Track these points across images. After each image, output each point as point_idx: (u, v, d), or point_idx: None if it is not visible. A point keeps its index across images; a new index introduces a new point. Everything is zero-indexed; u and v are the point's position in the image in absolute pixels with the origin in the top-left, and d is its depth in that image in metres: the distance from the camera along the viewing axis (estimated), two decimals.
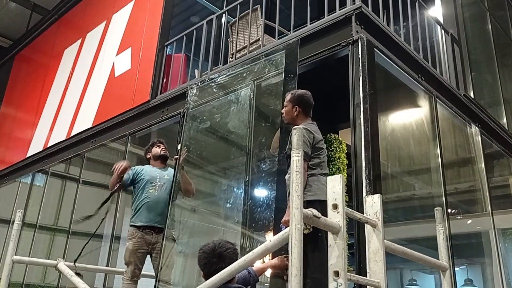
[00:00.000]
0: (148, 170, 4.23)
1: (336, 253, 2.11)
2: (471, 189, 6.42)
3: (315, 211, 2.07)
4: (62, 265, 3.87)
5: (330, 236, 2.16)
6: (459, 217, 6.35)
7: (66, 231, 7.12)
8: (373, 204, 2.50)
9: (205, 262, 2.48)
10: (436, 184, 5.32)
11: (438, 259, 2.92)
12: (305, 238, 2.83)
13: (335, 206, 2.21)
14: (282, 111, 3.43)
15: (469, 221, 6.53)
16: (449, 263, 2.91)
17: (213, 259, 2.44)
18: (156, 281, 3.78)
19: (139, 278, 3.99)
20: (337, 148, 5.18)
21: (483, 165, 6.12)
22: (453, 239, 4.99)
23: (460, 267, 7.57)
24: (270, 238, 3.05)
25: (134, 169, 4.22)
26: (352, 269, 3.30)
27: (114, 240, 6.23)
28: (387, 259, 2.33)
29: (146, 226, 4.01)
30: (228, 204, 4.26)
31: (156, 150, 4.31)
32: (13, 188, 8.85)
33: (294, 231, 1.92)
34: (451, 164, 5.92)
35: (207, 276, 2.40)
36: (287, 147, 3.15)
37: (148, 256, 4.05)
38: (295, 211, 1.95)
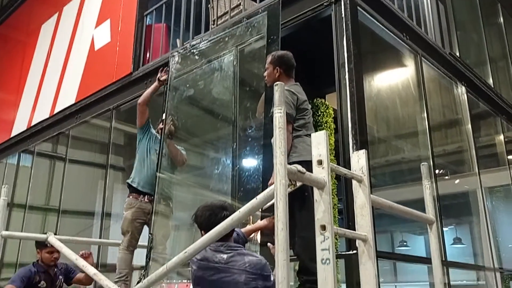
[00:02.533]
0: (155, 136, 4.31)
1: (322, 207, 2.10)
2: (458, 150, 6.47)
3: (299, 167, 2.05)
4: (53, 238, 3.86)
5: (316, 191, 2.15)
6: (446, 177, 6.41)
7: (57, 210, 7.09)
8: (358, 160, 2.49)
9: (209, 213, 2.53)
10: (423, 146, 5.34)
11: None
12: (292, 198, 2.84)
13: (319, 162, 2.19)
14: (264, 74, 3.39)
15: (457, 181, 6.60)
16: (435, 217, 2.93)
17: (216, 209, 2.50)
18: (148, 250, 3.77)
19: (135, 248, 4.01)
20: (324, 113, 5.16)
21: (469, 125, 6.15)
22: (441, 200, 5.05)
23: (449, 227, 7.70)
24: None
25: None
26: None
27: (105, 217, 6.22)
28: (377, 223, 2.34)
29: (146, 193, 4.03)
30: (216, 174, 4.23)
31: (161, 126, 4.37)
32: None
33: (279, 187, 1.89)
34: (438, 125, 5.94)
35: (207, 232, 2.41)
36: (272, 110, 3.11)
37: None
38: (279, 167, 1.92)
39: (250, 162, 3.87)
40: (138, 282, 3.23)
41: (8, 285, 3.81)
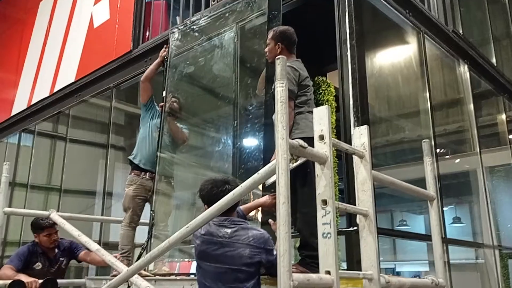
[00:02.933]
0: (158, 113, 4.29)
1: (324, 182, 2.10)
2: (459, 130, 6.45)
3: (301, 141, 2.04)
4: (55, 215, 3.88)
5: (317, 166, 2.15)
6: (447, 156, 6.41)
7: (58, 189, 7.12)
8: (360, 136, 2.48)
9: (211, 186, 2.57)
10: (425, 125, 5.32)
11: None
12: (294, 175, 2.85)
13: (321, 137, 2.18)
14: (265, 50, 3.35)
15: (457, 161, 6.60)
16: (436, 193, 2.94)
17: (219, 183, 2.54)
18: (150, 226, 3.80)
19: (137, 225, 4.04)
20: (325, 91, 5.11)
21: (471, 104, 6.12)
22: (442, 180, 5.05)
23: (449, 207, 7.74)
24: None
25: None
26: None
27: (106, 197, 6.24)
28: (377, 202, 2.34)
29: (147, 170, 4.04)
30: (216, 153, 4.23)
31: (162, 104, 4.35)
32: (0, 150, 8.75)
33: (280, 161, 1.89)
34: (440, 104, 5.91)
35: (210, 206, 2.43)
36: (273, 86, 3.09)
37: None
38: (280, 141, 1.92)
39: (251, 140, 3.86)
40: (138, 257, 3.25)
41: (6, 264, 3.83)
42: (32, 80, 7.91)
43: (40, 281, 3.61)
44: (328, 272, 1.97)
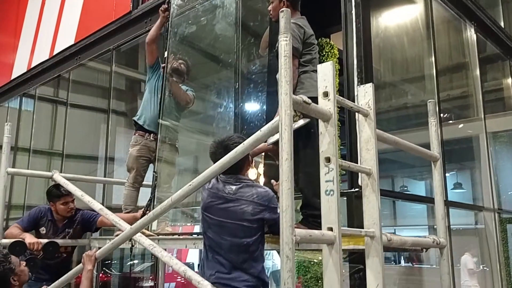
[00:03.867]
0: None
1: (327, 139, 2.07)
2: (464, 95, 6.38)
3: (305, 97, 2.00)
4: (58, 176, 3.88)
5: (321, 124, 2.12)
6: (450, 121, 6.37)
7: (61, 154, 7.12)
8: (365, 94, 2.44)
9: (212, 151, 2.59)
10: (429, 90, 5.25)
11: None
12: (298, 135, 2.83)
13: (325, 94, 2.14)
14: (269, 8, 3.26)
15: (461, 126, 6.56)
16: (440, 154, 2.92)
17: (219, 149, 2.51)
18: (153, 187, 3.80)
19: (141, 186, 4.04)
20: (329, 53, 5.02)
21: (477, 68, 6.02)
22: (444, 145, 5.02)
23: (450, 173, 7.75)
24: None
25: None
26: None
27: (108, 162, 6.24)
28: (379, 167, 2.31)
29: (151, 131, 4.02)
30: (219, 114, 4.19)
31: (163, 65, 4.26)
32: (1, 114, 8.72)
33: (284, 117, 1.85)
34: (445, 68, 5.81)
35: None
36: (277, 45, 3.02)
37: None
38: (284, 96, 1.88)
39: (253, 102, 3.82)
40: (142, 216, 3.27)
41: (15, 223, 3.87)
42: (31, 43, 7.79)
43: (43, 240, 3.65)
44: (331, 229, 1.97)
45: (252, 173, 3.54)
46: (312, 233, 1.89)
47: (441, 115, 5.22)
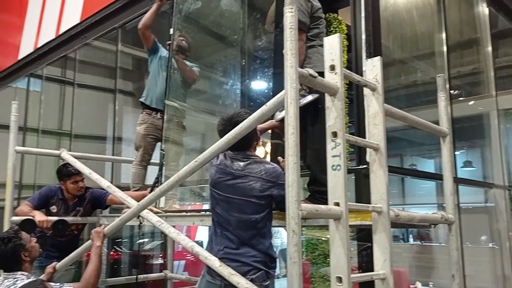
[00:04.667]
0: (166, 53, 4.18)
1: (334, 114, 2.04)
2: (475, 71, 6.27)
3: (311, 70, 1.96)
4: (66, 154, 3.90)
5: (327, 98, 2.08)
6: (461, 99, 6.27)
7: (69, 134, 7.15)
8: (372, 68, 2.39)
9: (221, 128, 2.54)
10: (440, 67, 5.16)
11: None
12: (305, 111, 2.80)
13: (332, 67, 2.09)
14: None
15: (471, 103, 6.46)
16: (449, 129, 2.87)
17: (228, 126, 2.45)
18: (160, 165, 3.80)
19: (148, 164, 4.05)
20: (337, 29, 4.93)
21: (489, 44, 5.89)
22: (454, 123, 4.96)
23: (460, 151, 7.68)
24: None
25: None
26: None
27: (116, 142, 6.26)
28: (388, 146, 2.28)
29: (158, 109, 4.01)
30: (225, 91, 4.16)
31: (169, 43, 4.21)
32: (10, 95, 8.75)
33: (289, 90, 1.82)
34: (456, 44, 5.69)
35: None
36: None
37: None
38: (289, 69, 1.84)
39: (260, 78, 3.77)
40: (150, 191, 3.28)
41: (25, 201, 3.91)
42: (37, 22, 7.75)
43: (52, 218, 3.69)
44: (337, 204, 1.95)
45: (260, 152, 3.53)
46: (318, 208, 1.88)
47: (451, 92, 5.14)
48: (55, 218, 3.72)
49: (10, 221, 3.57)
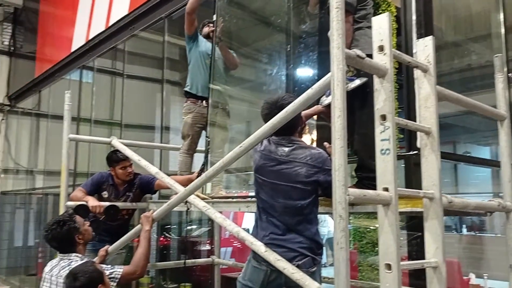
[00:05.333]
0: (204, 41, 4.20)
1: (383, 96, 1.96)
2: None
3: (358, 51, 1.90)
4: (116, 141, 4.02)
5: (376, 80, 2.01)
6: None
7: (119, 124, 7.37)
8: (424, 48, 2.28)
9: (266, 112, 2.50)
10: (496, 49, 4.87)
11: None
12: (354, 95, 2.72)
13: (381, 48, 2.02)
14: None
15: None
16: (507, 112, 2.71)
17: (274, 110, 2.39)
18: (206, 152, 3.84)
19: (195, 152, 4.11)
20: (385, 11, 4.78)
21: None
22: None
23: None
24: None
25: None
26: None
27: (164, 131, 6.38)
28: (440, 133, 2.18)
29: (203, 98, 4.04)
30: (270, 76, 4.12)
31: (205, 30, 4.26)
32: (64, 87, 9.11)
33: (335, 72, 1.77)
34: None
35: None
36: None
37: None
38: (336, 50, 1.78)
39: (305, 63, 3.71)
40: (197, 177, 3.32)
41: (79, 187, 4.08)
42: (88, 15, 8.00)
43: (104, 203, 3.82)
44: (386, 189, 1.89)
45: (307, 139, 3.48)
46: (366, 193, 1.82)
47: (509, 75, 4.85)
48: (107, 204, 3.85)
49: (65, 206, 3.73)
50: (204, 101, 4.05)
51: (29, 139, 10.68)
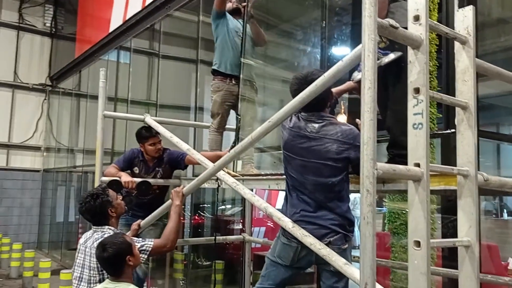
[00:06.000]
0: (232, 18, 4.15)
1: (417, 68, 1.88)
2: None
3: (391, 21, 1.82)
4: (149, 119, 4.07)
5: (410, 51, 1.92)
6: None
7: (155, 104, 7.47)
8: (464, 18, 2.16)
9: (295, 88, 2.46)
10: None
11: None
12: (387, 70, 2.63)
13: (416, 18, 1.93)
14: None
15: None
16: None
17: (304, 85, 2.35)
18: (237, 130, 3.84)
19: (224, 130, 4.12)
20: None
21: None
22: None
23: None
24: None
25: None
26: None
27: (198, 111, 6.41)
28: (481, 115, 2.06)
29: (232, 75, 4.01)
30: (302, 52, 4.04)
31: (228, 5, 4.20)
32: (102, 67, 9.30)
33: (367, 42, 1.70)
34: None
35: None
36: None
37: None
38: (367, 19, 1.71)
39: (339, 38, 3.61)
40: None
41: (112, 163, 4.18)
42: None
43: (136, 179, 3.89)
44: (418, 165, 1.82)
45: (342, 119, 3.41)
46: (396, 168, 1.76)
47: None
48: (139, 179, 3.92)
49: (100, 181, 3.82)
50: (233, 79, 4.01)
51: (69, 118, 11.04)
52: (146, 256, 2.77)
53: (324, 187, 2.42)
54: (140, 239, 2.90)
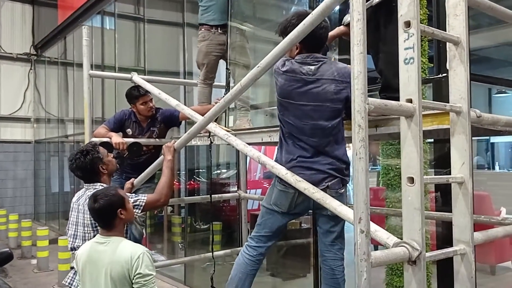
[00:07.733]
0: None
1: (408, 1, 1.81)
2: None
3: None
4: (137, 77, 3.98)
5: None
6: None
7: (143, 70, 7.33)
8: None
9: (281, 28, 2.44)
10: None
11: None
12: (378, 11, 2.55)
13: None
14: None
15: None
16: None
17: (291, 15, 2.36)
18: (227, 83, 3.77)
19: (213, 82, 4.03)
20: None
21: None
22: None
23: None
24: None
25: None
26: None
27: (187, 77, 6.30)
28: (473, 68, 2.00)
29: (218, 25, 3.90)
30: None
31: None
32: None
33: None
34: None
35: None
36: None
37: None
38: None
39: None
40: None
41: (102, 124, 4.10)
42: None
43: (127, 140, 3.84)
44: (410, 101, 1.79)
45: None
46: (388, 103, 1.73)
47: None
48: (130, 140, 3.87)
49: (90, 142, 3.76)
50: (219, 28, 3.90)
51: (57, 88, 10.86)
52: (140, 211, 2.76)
53: (322, 131, 2.39)
54: (133, 194, 2.88)
